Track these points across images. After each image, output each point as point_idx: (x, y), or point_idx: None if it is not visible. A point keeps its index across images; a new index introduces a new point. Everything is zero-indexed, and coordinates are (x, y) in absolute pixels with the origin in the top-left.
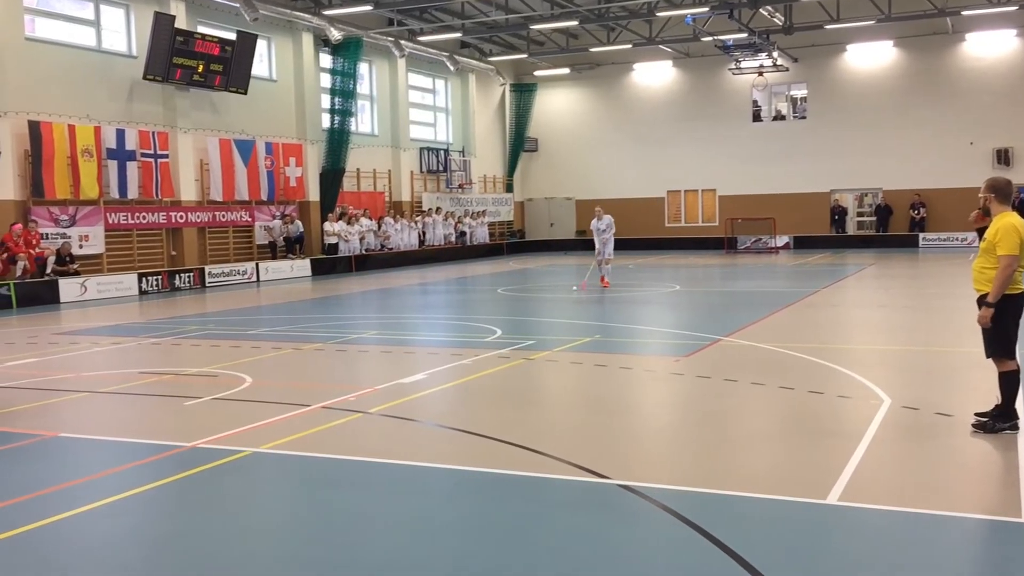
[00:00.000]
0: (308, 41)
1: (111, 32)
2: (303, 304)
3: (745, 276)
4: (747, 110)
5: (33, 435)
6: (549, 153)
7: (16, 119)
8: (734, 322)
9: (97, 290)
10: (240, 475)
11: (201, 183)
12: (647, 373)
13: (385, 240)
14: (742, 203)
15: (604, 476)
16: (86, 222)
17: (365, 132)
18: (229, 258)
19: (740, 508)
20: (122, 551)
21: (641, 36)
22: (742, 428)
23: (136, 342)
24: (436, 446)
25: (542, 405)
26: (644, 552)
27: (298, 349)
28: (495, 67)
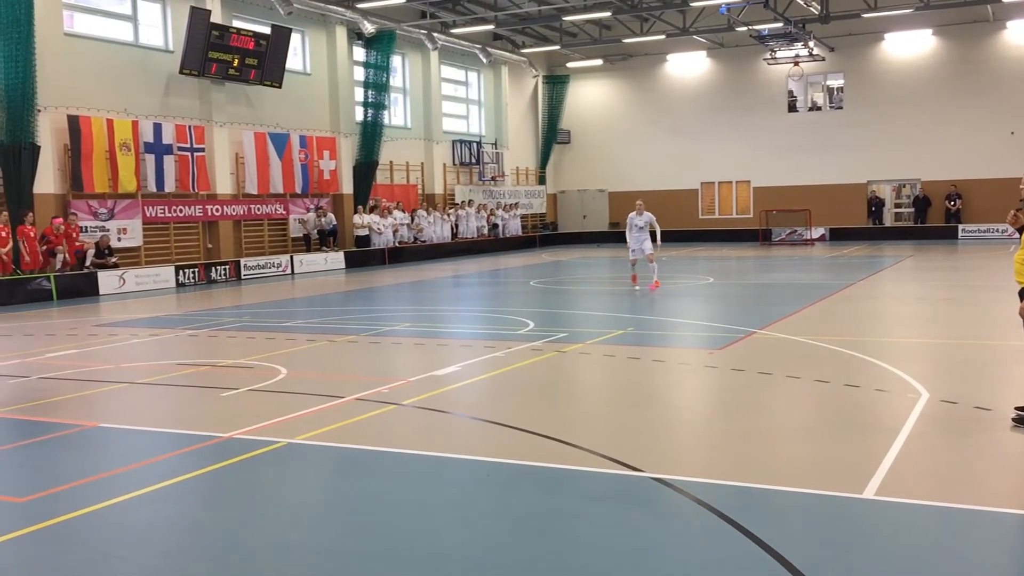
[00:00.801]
0: (342, 34)
1: (148, 27)
2: (337, 296)
3: (780, 268)
4: (782, 100)
5: (74, 425)
6: (582, 145)
7: (56, 114)
8: (769, 315)
9: (135, 282)
10: (276, 465)
11: (236, 176)
12: (681, 366)
13: (418, 233)
14: (777, 194)
15: (637, 469)
16: (124, 215)
17: (398, 125)
18: (264, 251)
19: (775, 502)
20: (161, 538)
21: (675, 27)
22: (777, 421)
23: (173, 334)
24: (469, 438)
25: (575, 398)
26: (677, 545)
27: (332, 341)
28: (528, 59)
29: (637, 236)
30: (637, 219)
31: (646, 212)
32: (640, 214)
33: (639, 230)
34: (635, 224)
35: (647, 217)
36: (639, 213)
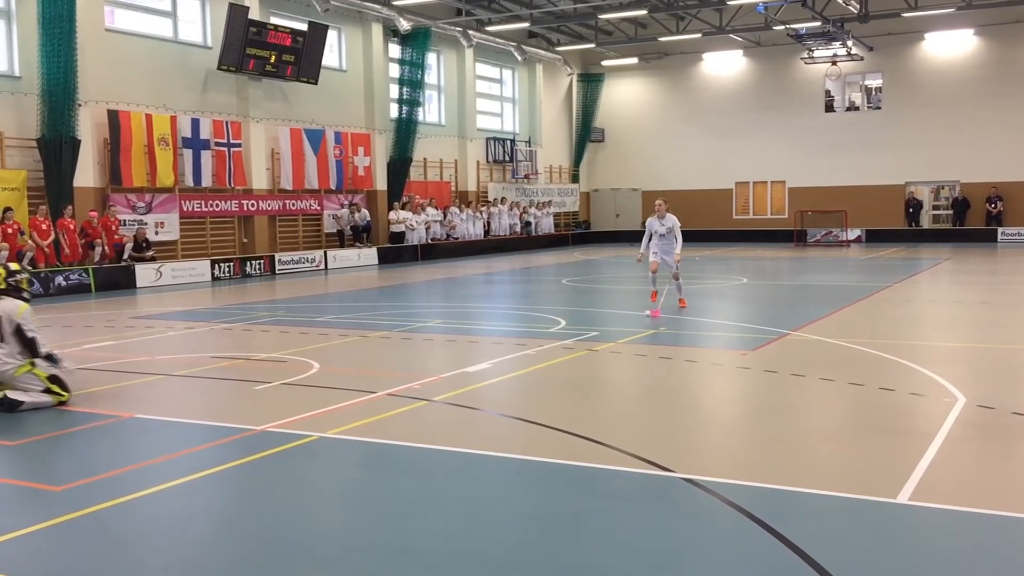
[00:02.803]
0: (378, 31)
1: (187, 23)
2: (370, 292)
3: (815, 269)
4: (819, 100)
5: (110, 415)
6: (616, 143)
7: (96, 108)
8: (803, 316)
9: (172, 276)
10: (307, 459)
11: (272, 172)
12: (713, 366)
13: (451, 229)
14: (812, 195)
15: (668, 469)
16: (162, 209)
17: (432, 122)
18: (298, 246)
19: (807, 505)
20: (194, 529)
21: (711, 25)
22: (810, 424)
23: (208, 327)
24: (499, 435)
25: (606, 396)
26: (708, 546)
27: (364, 336)
28: (562, 57)
29: (661, 245)
30: (658, 225)
31: (669, 215)
32: (662, 218)
33: (661, 238)
34: (656, 231)
35: (671, 222)
36: (660, 217)
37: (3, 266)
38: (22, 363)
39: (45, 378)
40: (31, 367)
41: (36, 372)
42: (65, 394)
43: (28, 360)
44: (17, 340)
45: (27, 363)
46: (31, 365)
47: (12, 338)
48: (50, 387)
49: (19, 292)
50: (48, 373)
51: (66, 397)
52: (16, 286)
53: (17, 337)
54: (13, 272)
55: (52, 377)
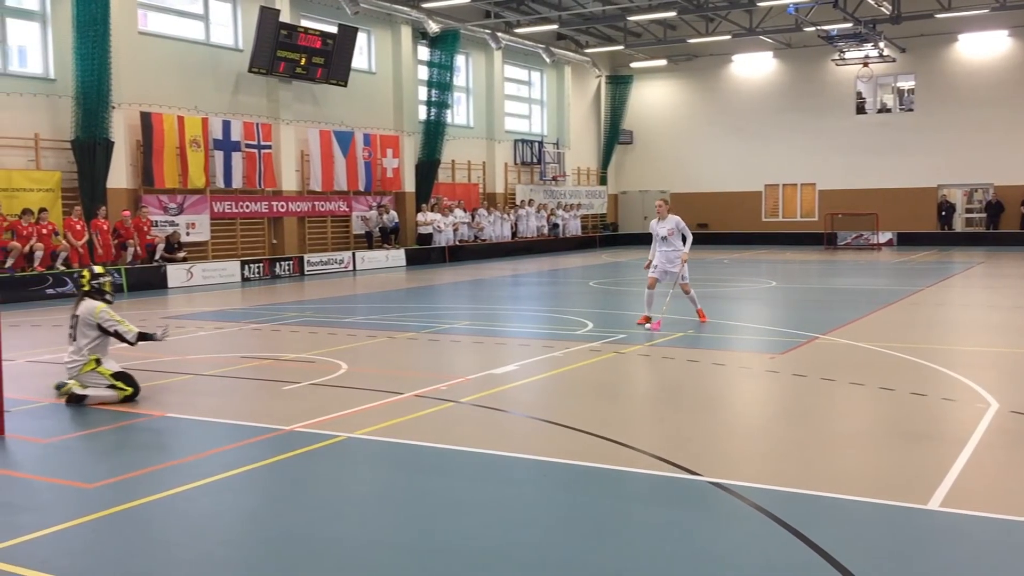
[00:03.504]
0: (407, 34)
1: (219, 26)
2: (397, 293)
3: (845, 273)
4: (850, 102)
5: (142, 414)
6: (644, 145)
7: (129, 110)
8: (833, 320)
9: (202, 276)
10: (335, 459)
11: (302, 173)
12: (741, 370)
13: (479, 231)
14: (843, 197)
15: (695, 472)
16: (193, 210)
17: (461, 124)
18: (327, 247)
19: (837, 510)
20: (223, 527)
21: (741, 27)
22: (839, 428)
23: (238, 327)
24: (526, 437)
25: (633, 399)
26: (735, 551)
27: (392, 338)
28: (591, 59)
29: (664, 251)
30: (659, 226)
31: (670, 216)
32: (662, 219)
33: (664, 241)
34: (657, 233)
35: (672, 222)
36: (661, 218)
37: (88, 268)
38: (87, 361)
39: (109, 375)
40: (96, 365)
41: (100, 371)
42: (128, 389)
43: (93, 358)
44: (101, 336)
45: (92, 361)
46: (96, 363)
47: (87, 336)
48: (114, 383)
49: (102, 294)
50: (112, 371)
51: (129, 391)
52: (99, 288)
53: (100, 333)
54: (97, 275)
55: (116, 374)
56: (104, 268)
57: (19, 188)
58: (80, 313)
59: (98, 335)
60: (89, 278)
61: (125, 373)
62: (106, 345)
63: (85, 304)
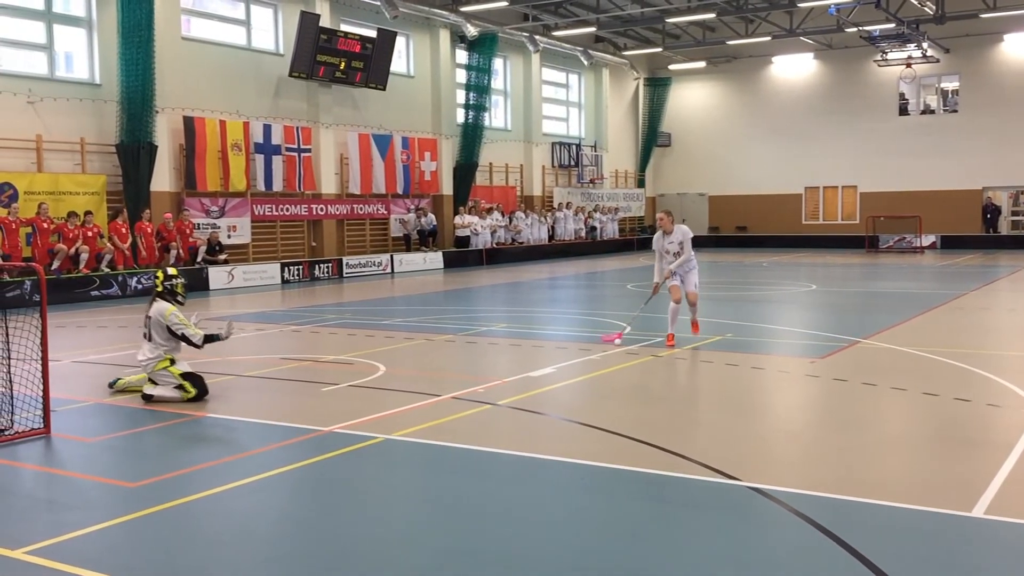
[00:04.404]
0: (445, 37)
1: (260, 31)
2: (435, 296)
3: (887, 276)
4: (893, 103)
5: (184, 414)
6: (682, 148)
7: (172, 115)
8: (874, 324)
9: (243, 278)
10: (373, 460)
11: (340, 176)
12: (780, 374)
13: (516, 234)
14: (885, 200)
15: (733, 477)
16: (234, 213)
17: (498, 127)
18: (365, 249)
19: (878, 517)
20: (263, 527)
21: (781, 28)
22: (881, 434)
23: (278, 329)
24: (563, 440)
25: (671, 403)
26: (774, 557)
27: (429, 340)
28: (629, 61)
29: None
30: (666, 241)
31: (678, 227)
32: (668, 233)
33: (677, 256)
34: (666, 250)
35: (680, 234)
36: (666, 232)
37: (162, 270)
38: (162, 359)
39: (178, 375)
40: (169, 364)
41: (171, 370)
42: (192, 391)
43: (168, 358)
44: (170, 337)
45: (167, 360)
46: (170, 363)
47: (160, 337)
48: (182, 383)
49: (174, 296)
50: (182, 371)
51: (193, 393)
52: (171, 290)
53: (170, 334)
54: (170, 276)
55: (185, 375)
56: (177, 270)
57: (65, 191)
58: (152, 314)
59: (168, 336)
60: (163, 279)
61: (194, 375)
62: (179, 347)
63: (157, 305)
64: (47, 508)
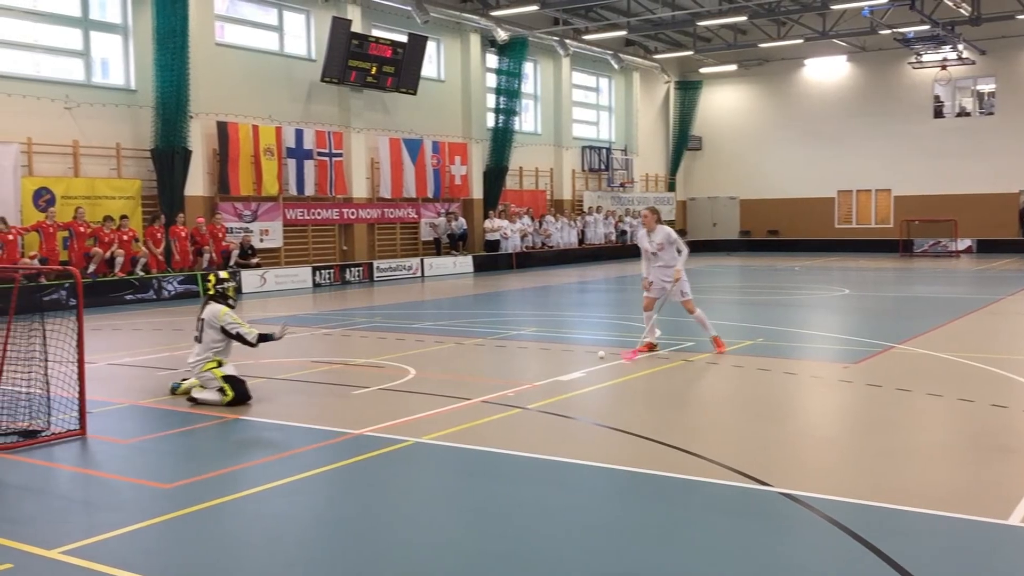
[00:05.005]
0: (475, 42)
1: (293, 37)
2: (465, 299)
3: (922, 280)
4: (927, 106)
5: (216, 417)
6: (713, 151)
7: (206, 120)
8: (909, 329)
9: (275, 282)
10: (403, 463)
11: (371, 181)
12: (813, 379)
13: (546, 238)
14: (920, 203)
15: (765, 483)
16: (266, 217)
17: (528, 131)
18: (396, 253)
19: (912, 524)
20: (294, 529)
21: (814, 30)
22: (916, 440)
23: (309, 332)
24: (593, 444)
25: (701, 408)
26: (806, 563)
27: (459, 343)
28: (660, 64)
29: (657, 267)
30: (646, 239)
31: (660, 227)
32: (650, 232)
33: (655, 257)
34: (645, 248)
35: (662, 234)
36: (649, 230)
37: (214, 273)
38: (210, 360)
39: (220, 377)
40: (215, 366)
41: (215, 372)
42: (230, 394)
43: (216, 360)
44: (224, 338)
45: (213, 361)
46: (216, 364)
47: (212, 338)
48: (223, 386)
49: (225, 299)
50: (224, 374)
51: (230, 397)
52: (223, 293)
53: (224, 336)
54: (222, 280)
55: (226, 377)
56: (228, 274)
57: (102, 196)
58: (205, 316)
59: (222, 338)
60: (215, 283)
61: (236, 378)
62: (229, 349)
63: (210, 308)
64: (82, 509)
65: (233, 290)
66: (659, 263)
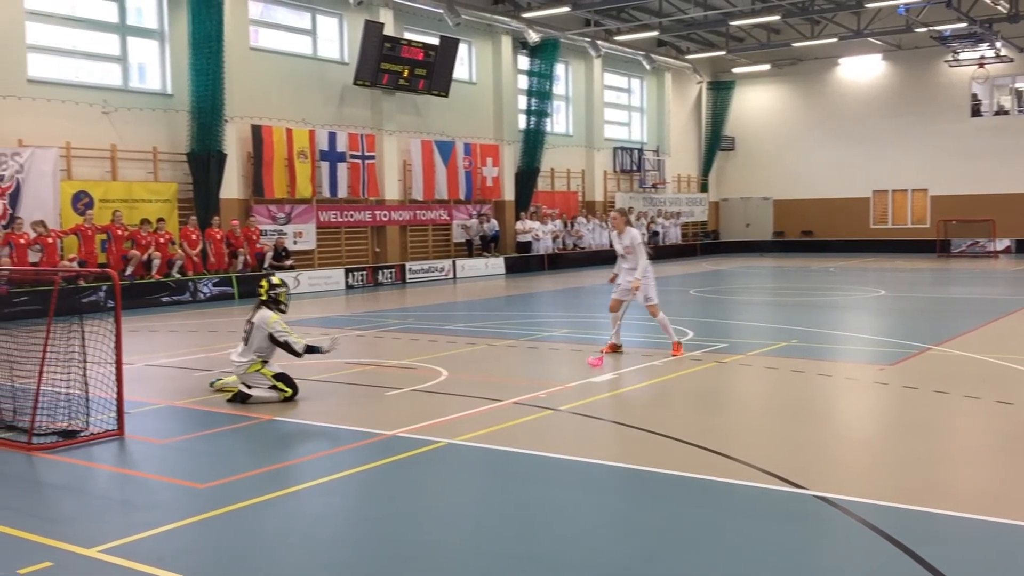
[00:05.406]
0: (507, 44)
1: (326, 40)
2: (497, 301)
3: (959, 281)
4: (965, 105)
5: (250, 417)
6: (746, 152)
7: (241, 124)
8: (946, 330)
9: (309, 284)
10: (435, 464)
11: (403, 183)
12: (848, 381)
13: (577, 239)
14: (957, 203)
15: (800, 486)
16: (300, 220)
17: (560, 132)
18: (428, 255)
19: (949, 528)
20: (327, 529)
21: (848, 29)
22: (953, 443)
23: (342, 334)
24: (625, 446)
25: (735, 410)
26: (842, 567)
27: (492, 345)
28: (692, 65)
29: (626, 268)
30: (616, 241)
31: (629, 229)
32: (620, 234)
33: (623, 259)
34: (616, 250)
35: (628, 237)
36: (618, 232)
37: (267, 279)
38: (254, 362)
39: (271, 376)
40: (261, 367)
41: (263, 372)
42: (288, 390)
43: (260, 360)
44: (270, 345)
45: (258, 363)
46: (262, 364)
47: (259, 343)
48: (276, 384)
49: (277, 304)
50: (274, 372)
51: (290, 392)
52: (275, 298)
53: (271, 342)
54: (275, 285)
55: (278, 375)
56: (281, 280)
57: (139, 199)
58: (256, 321)
59: (269, 343)
60: (267, 288)
61: (286, 375)
62: (273, 352)
63: (261, 313)
64: (120, 508)
65: (285, 296)
66: (627, 265)
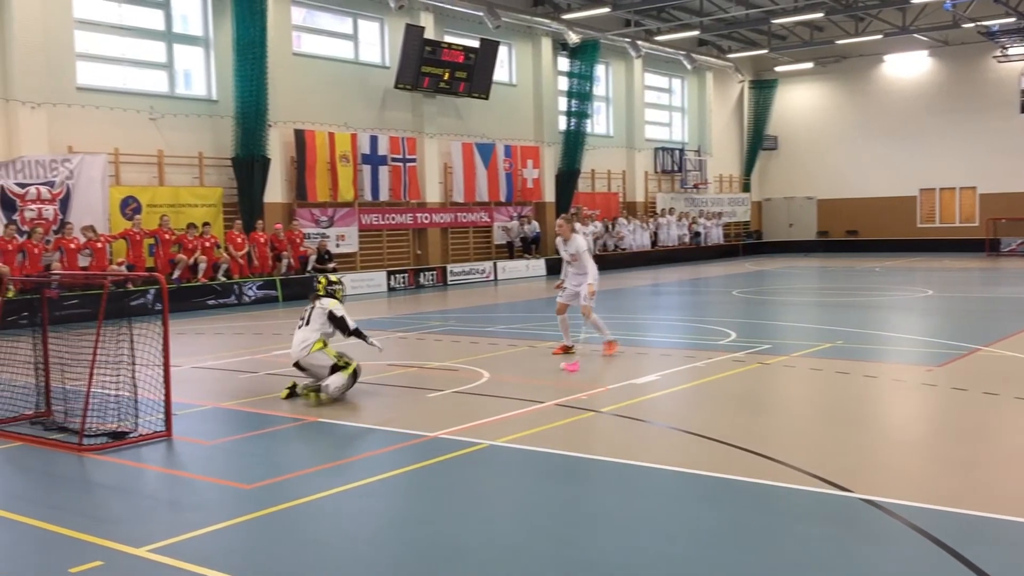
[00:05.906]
0: (547, 45)
1: (367, 45)
2: (538, 303)
3: (1009, 281)
4: (1014, 100)
5: (294, 419)
6: (789, 151)
7: (284, 128)
8: (996, 331)
9: (351, 286)
10: (477, 466)
11: (444, 185)
12: (894, 383)
13: (618, 240)
14: (1007, 201)
15: (846, 489)
16: (342, 223)
17: (600, 133)
18: (469, 257)
19: (1000, 532)
20: (370, 530)
21: (893, 25)
22: (1003, 446)
23: (385, 336)
24: (667, 448)
25: (778, 411)
26: (890, 571)
27: (533, 347)
28: (734, 64)
29: (573, 274)
30: (562, 248)
31: (576, 236)
32: (566, 240)
33: (569, 266)
34: (563, 257)
35: (575, 245)
36: (565, 239)
37: (325, 276)
38: (317, 341)
39: (334, 354)
40: (323, 346)
41: (327, 351)
42: (353, 361)
43: (321, 339)
44: (330, 324)
45: (320, 341)
46: (323, 344)
47: (319, 324)
48: (339, 360)
49: (334, 299)
50: (336, 351)
51: (355, 364)
52: (332, 294)
53: (331, 322)
54: (332, 282)
55: (340, 354)
56: (338, 278)
57: (185, 204)
58: (318, 305)
59: (330, 326)
60: (326, 284)
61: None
62: (333, 335)
63: (324, 300)
64: (168, 508)
65: (341, 293)
66: (574, 270)
